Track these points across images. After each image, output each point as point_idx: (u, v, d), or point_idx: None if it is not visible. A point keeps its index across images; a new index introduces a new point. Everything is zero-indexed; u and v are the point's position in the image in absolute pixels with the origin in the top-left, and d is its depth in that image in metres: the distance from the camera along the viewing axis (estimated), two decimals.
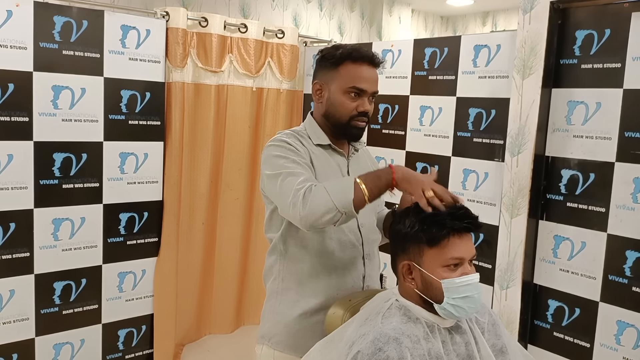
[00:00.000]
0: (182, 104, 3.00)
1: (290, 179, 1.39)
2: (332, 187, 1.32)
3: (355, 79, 1.51)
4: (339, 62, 1.52)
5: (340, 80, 1.52)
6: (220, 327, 3.48)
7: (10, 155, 2.46)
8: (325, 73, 1.56)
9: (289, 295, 1.57)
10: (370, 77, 1.53)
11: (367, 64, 1.52)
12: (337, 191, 1.31)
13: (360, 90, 1.51)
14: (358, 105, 1.52)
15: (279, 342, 1.57)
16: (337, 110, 1.54)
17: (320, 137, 1.58)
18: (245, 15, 3.79)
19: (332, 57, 1.53)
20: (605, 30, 2.11)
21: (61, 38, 2.54)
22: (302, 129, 1.61)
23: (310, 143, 1.57)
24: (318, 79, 1.58)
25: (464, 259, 1.25)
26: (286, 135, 1.56)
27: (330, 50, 1.56)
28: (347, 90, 1.51)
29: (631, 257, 2.06)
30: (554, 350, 2.31)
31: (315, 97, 1.60)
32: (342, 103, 1.52)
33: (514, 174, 2.32)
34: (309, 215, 1.31)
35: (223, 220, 3.36)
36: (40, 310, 2.63)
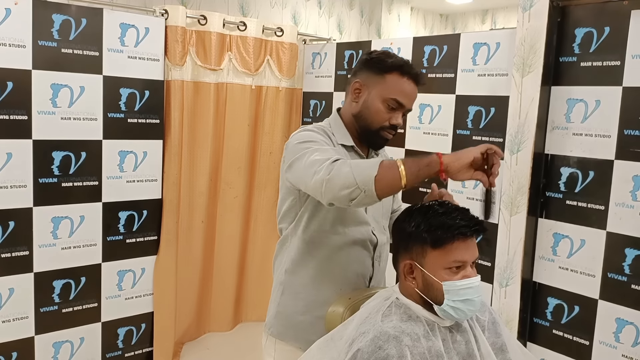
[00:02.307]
0: (181, 102, 3.00)
1: (318, 153, 1.34)
2: (359, 162, 1.26)
3: (398, 92, 1.49)
4: (387, 70, 1.50)
5: (383, 88, 1.50)
6: (220, 325, 3.48)
7: (9, 153, 2.45)
8: (370, 76, 1.53)
9: (293, 288, 1.57)
10: (412, 95, 1.52)
11: (412, 81, 1.51)
12: (363, 167, 1.23)
13: (399, 104, 1.50)
14: (392, 118, 1.51)
15: (280, 332, 1.59)
16: (370, 115, 1.52)
17: (344, 137, 1.56)
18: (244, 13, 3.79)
19: (381, 63, 1.51)
20: (605, 28, 2.11)
21: (60, 36, 2.53)
22: (327, 125, 1.59)
23: (334, 141, 1.55)
24: (360, 79, 1.55)
25: (467, 262, 1.25)
26: (316, 128, 1.54)
27: (381, 56, 1.53)
28: (386, 100, 1.49)
29: (630, 255, 2.07)
30: (553, 348, 2.31)
31: (351, 95, 1.57)
32: (377, 110, 1.50)
33: (513, 172, 2.32)
34: (328, 187, 1.25)
35: (222, 219, 3.36)
36: (39, 309, 2.63)
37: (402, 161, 1.23)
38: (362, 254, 1.57)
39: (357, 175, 1.22)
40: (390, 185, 1.23)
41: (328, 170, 1.26)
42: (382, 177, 1.22)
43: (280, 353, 1.59)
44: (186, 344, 3.30)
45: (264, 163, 3.47)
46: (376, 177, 1.21)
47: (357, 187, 1.22)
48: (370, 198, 1.24)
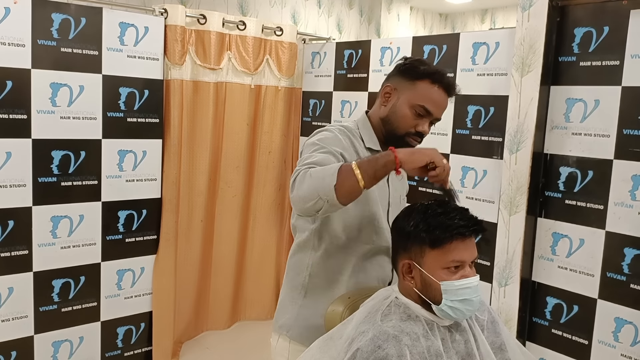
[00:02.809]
0: (181, 101, 3.00)
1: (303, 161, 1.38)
2: (319, 172, 1.27)
3: (427, 100, 1.49)
4: (418, 77, 1.50)
5: (413, 94, 1.50)
6: (217, 324, 3.49)
7: (8, 152, 2.45)
8: (401, 80, 1.53)
9: (316, 290, 1.56)
10: (441, 104, 1.51)
11: (443, 90, 1.50)
12: (322, 177, 1.25)
13: (427, 112, 1.49)
14: (418, 124, 1.50)
15: (299, 334, 1.57)
16: (397, 120, 1.52)
17: (373, 140, 1.57)
18: (243, 13, 3.78)
19: (414, 70, 1.51)
20: (604, 27, 2.11)
21: (59, 35, 2.53)
22: (355, 127, 1.58)
23: (360, 144, 1.55)
24: (391, 83, 1.55)
25: (465, 262, 1.25)
26: (337, 129, 1.52)
27: (414, 62, 1.53)
28: (414, 106, 1.49)
29: (629, 255, 2.07)
30: (553, 348, 2.32)
31: (381, 99, 1.57)
32: (404, 116, 1.50)
33: (512, 171, 2.32)
34: (295, 201, 1.29)
35: (221, 218, 3.36)
36: (39, 308, 2.63)
37: (357, 165, 1.25)
38: (384, 260, 1.58)
39: (318, 186, 1.24)
40: (350, 191, 1.26)
41: (294, 183, 1.30)
42: (341, 184, 1.24)
43: (294, 354, 1.57)
44: (185, 343, 3.30)
45: (263, 162, 3.47)
46: (336, 186, 1.23)
47: (320, 199, 1.24)
48: (334, 207, 1.27)
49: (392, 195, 1.61)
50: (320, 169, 1.28)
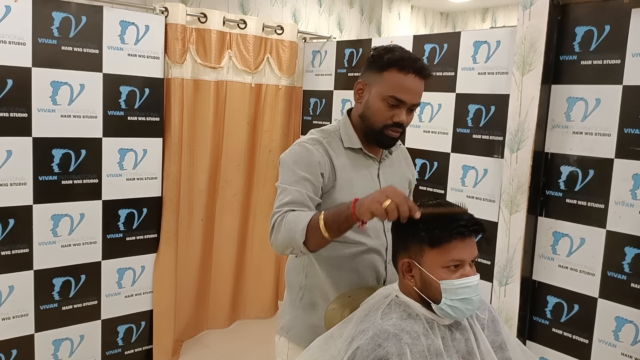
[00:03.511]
0: (181, 100, 3.00)
1: (280, 197, 1.43)
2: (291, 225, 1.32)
3: (397, 89, 1.44)
4: (384, 67, 1.46)
5: (381, 86, 1.46)
6: (217, 322, 3.49)
7: (9, 151, 2.45)
8: (370, 74, 1.50)
9: (312, 292, 1.57)
10: (414, 89, 1.46)
11: (413, 74, 1.45)
12: (294, 231, 1.31)
13: (400, 101, 1.45)
14: (394, 115, 1.46)
15: (298, 335, 1.58)
16: (372, 115, 1.49)
17: (352, 139, 1.54)
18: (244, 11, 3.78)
19: (379, 60, 1.47)
20: (605, 26, 2.11)
21: (60, 34, 2.53)
22: (336, 128, 1.58)
23: (339, 146, 1.53)
24: (362, 79, 1.53)
25: (465, 261, 1.25)
26: (311, 142, 1.51)
27: (380, 52, 1.49)
28: (386, 98, 1.45)
29: (630, 254, 2.07)
30: (553, 347, 2.32)
31: (355, 96, 1.55)
32: (378, 109, 1.47)
33: (513, 170, 2.32)
34: (274, 247, 1.39)
35: (221, 216, 3.36)
36: (39, 306, 2.63)
37: (324, 220, 1.28)
38: (376, 259, 1.56)
39: (290, 240, 1.32)
40: (319, 244, 1.32)
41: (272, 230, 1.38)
42: (310, 240, 1.30)
43: (294, 355, 1.58)
44: (186, 341, 3.31)
45: (263, 161, 3.47)
46: (305, 242, 1.30)
47: (293, 248, 1.34)
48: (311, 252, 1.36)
49: None
50: (293, 221, 1.33)
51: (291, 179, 1.44)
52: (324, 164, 1.48)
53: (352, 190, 1.50)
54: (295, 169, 1.45)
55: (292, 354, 1.58)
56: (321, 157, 1.48)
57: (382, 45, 1.55)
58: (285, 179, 1.46)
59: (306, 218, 1.32)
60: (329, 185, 1.50)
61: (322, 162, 1.48)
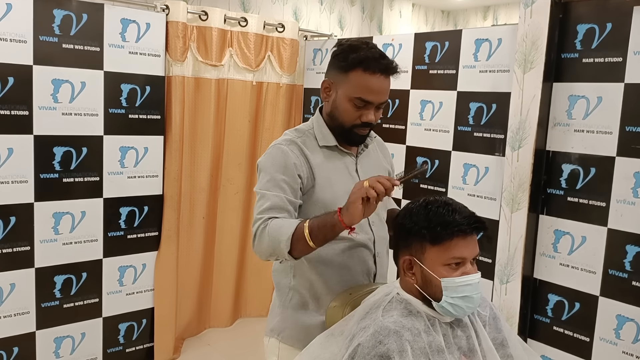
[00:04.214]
0: (182, 98, 3.00)
1: (259, 203, 1.43)
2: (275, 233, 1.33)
3: (363, 90, 1.43)
4: (349, 68, 1.44)
5: (347, 87, 1.45)
6: (219, 321, 3.49)
7: (10, 149, 2.45)
8: (336, 74, 1.48)
9: (301, 291, 1.55)
10: (380, 89, 1.45)
11: (379, 74, 1.43)
12: (278, 240, 1.32)
13: (367, 102, 1.45)
14: (362, 115, 1.46)
15: (290, 336, 1.57)
16: (340, 115, 1.49)
17: (326, 137, 1.54)
18: (245, 9, 3.78)
19: (344, 60, 1.45)
20: (607, 24, 2.11)
21: (61, 31, 2.53)
22: (310, 126, 1.57)
23: (315, 145, 1.53)
24: (328, 77, 1.52)
25: (466, 259, 1.25)
26: (286, 142, 1.50)
27: (344, 51, 1.47)
28: (352, 99, 1.45)
29: (631, 252, 2.07)
30: (554, 345, 2.32)
31: (322, 95, 1.54)
32: (346, 110, 1.47)
33: (514, 168, 2.31)
34: (258, 254, 1.41)
35: (223, 215, 3.36)
36: (41, 304, 2.64)
37: (309, 230, 1.30)
38: (365, 253, 1.56)
39: (275, 248, 1.34)
40: (303, 252, 1.34)
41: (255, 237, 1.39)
42: (295, 248, 1.32)
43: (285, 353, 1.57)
44: (187, 339, 3.31)
45: None
46: (290, 251, 1.32)
47: (278, 256, 1.37)
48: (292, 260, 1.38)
49: None
50: (276, 230, 1.34)
51: (269, 183, 1.44)
52: (300, 165, 1.47)
53: (332, 188, 1.49)
54: (273, 172, 1.45)
55: (284, 355, 1.58)
56: (296, 157, 1.47)
57: (345, 40, 1.53)
58: (263, 184, 1.45)
59: (290, 227, 1.32)
60: (309, 185, 1.49)
61: (298, 163, 1.47)
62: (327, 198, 1.48)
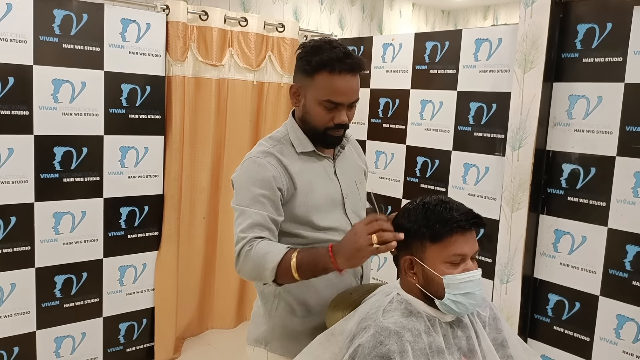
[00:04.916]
0: (183, 97, 3.00)
1: (239, 220, 1.41)
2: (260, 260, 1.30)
3: (331, 92, 1.39)
4: (314, 71, 1.40)
5: (315, 91, 1.41)
6: (223, 322, 3.49)
7: (10, 149, 2.45)
8: (302, 77, 1.44)
9: (288, 300, 1.51)
10: (349, 89, 1.41)
11: (345, 73, 1.39)
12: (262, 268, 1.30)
13: (337, 103, 1.41)
14: (334, 117, 1.42)
15: (279, 346, 1.53)
16: (312, 120, 1.45)
17: (303, 143, 1.49)
18: (245, 9, 3.78)
19: (308, 64, 1.41)
20: (607, 24, 2.11)
21: (61, 31, 2.53)
22: (284, 133, 1.52)
23: (292, 152, 1.48)
24: (295, 82, 1.47)
25: (467, 256, 1.25)
26: (262, 154, 1.45)
27: (308, 54, 1.42)
28: (321, 102, 1.41)
29: (631, 252, 2.07)
30: (554, 344, 2.32)
31: (292, 100, 1.50)
32: (317, 113, 1.43)
33: (514, 168, 2.31)
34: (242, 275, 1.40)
35: (224, 215, 3.36)
36: (41, 304, 2.64)
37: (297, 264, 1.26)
38: None
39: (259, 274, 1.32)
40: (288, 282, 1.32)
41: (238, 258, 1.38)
42: (279, 278, 1.30)
43: None
44: (188, 339, 3.31)
45: None
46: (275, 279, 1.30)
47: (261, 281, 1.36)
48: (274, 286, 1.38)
49: (344, 186, 1.55)
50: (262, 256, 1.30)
51: (247, 198, 1.40)
52: (279, 177, 1.42)
53: (313, 194, 1.46)
54: (250, 187, 1.40)
55: None
56: (274, 169, 1.42)
57: (308, 42, 1.48)
58: (241, 200, 1.41)
59: (277, 256, 1.28)
60: (289, 194, 1.45)
61: (276, 176, 1.42)
62: (309, 203, 1.45)
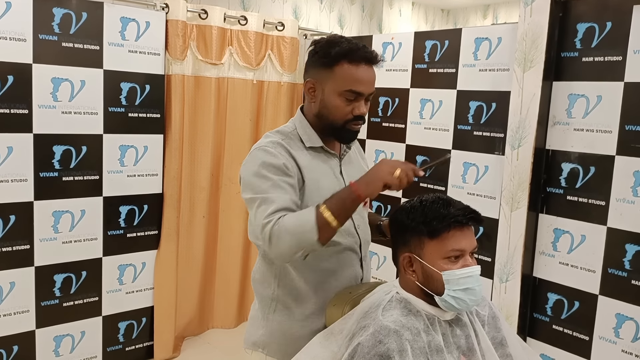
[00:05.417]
0: (182, 96, 3.00)
1: (262, 208, 1.33)
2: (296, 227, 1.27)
3: (352, 82, 1.40)
4: (334, 62, 1.40)
5: (335, 82, 1.41)
6: (223, 322, 3.48)
7: (10, 147, 2.45)
8: (319, 71, 1.44)
9: (286, 302, 1.50)
10: (368, 79, 1.43)
11: (365, 64, 1.41)
12: (302, 232, 1.26)
13: (358, 93, 1.41)
14: (354, 109, 1.42)
15: (278, 350, 1.51)
16: (331, 113, 1.44)
17: (312, 139, 1.49)
18: (245, 8, 3.77)
19: (327, 56, 1.41)
20: (607, 23, 2.10)
21: (60, 30, 2.52)
22: (292, 128, 1.51)
23: (300, 147, 1.47)
24: (311, 77, 1.46)
25: (465, 251, 1.25)
26: (271, 144, 1.43)
27: (324, 47, 1.43)
28: (342, 93, 1.41)
29: (631, 251, 2.07)
30: (553, 343, 2.32)
31: (307, 96, 1.49)
32: (336, 106, 1.42)
33: (514, 167, 2.32)
34: (278, 257, 1.34)
35: (224, 214, 3.35)
36: (40, 303, 2.64)
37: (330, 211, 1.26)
38: (352, 257, 1.53)
39: (300, 241, 1.27)
40: (330, 236, 1.30)
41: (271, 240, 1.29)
42: (322, 235, 1.27)
43: None
44: (187, 338, 3.31)
45: None
46: (318, 238, 1.26)
47: (304, 250, 1.31)
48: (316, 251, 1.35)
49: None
50: (295, 224, 1.27)
51: (265, 186, 1.36)
52: (290, 166, 1.41)
53: (319, 191, 1.44)
54: (266, 174, 1.37)
55: None
56: (286, 159, 1.41)
57: (320, 38, 1.50)
58: (259, 188, 1.36)
59: (309, 216, 1.27)
60: (298, 187, 1.43)
61: (287, 164, 1.41)
62: (314, 198, 1.41)
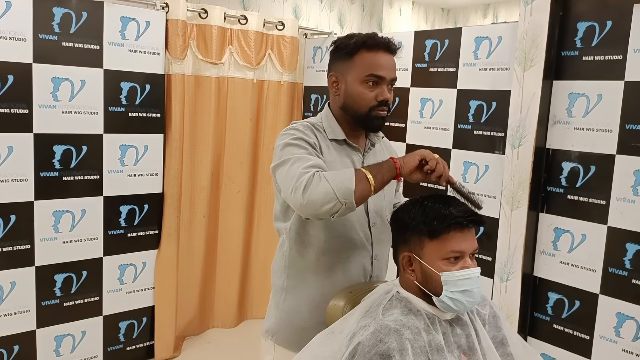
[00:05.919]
0: (182, 96, 3.00)
1: (298, 164, 1.34)
2: (334, 176, 1.28)
3: (373, 67, 1.45)
4: (354, 52, 1.46)
5: (356, 70, 1.46)
6: (224, 321, 3.49)
7: (10, 147, 2.45)
8: (341, 64, 1.50)
9: (294, 292, 1.54)
10: (388, 64, 1.47)
11: (383, 51, 1.46)
12: (340, 181, 1.27)
13: (379, 77, 1.45)
14: (377, 95, 1.46)
15: (285, 339, 1.56)
16: (355, 102, 1.48)
17: (335, 131, 1.53)
18: (245, 7, 3.77)
19: (346, 47, 1.47)
20: (607, 22, 2.10)
21: (61, 29, 2.53)
22: (319, 120, 1.56)
23: (324, 137, 1.52)
24: (333, 71, 1.52)
25: (465, 253, 1.25)
26: (301, 125, 1.50)
27: (344, 40, 1.49)
28: (364, 80, 1.45)
29: (631, 250, 2.07)
30: (554, 343, 2.32)
31: (331, 90, 1.54)
32: (360, 94, 1.47)
33: (514, 166, 2.31)
34: (309, 204, 1.27)
35: (225, 214, 3.36)
36: (41, 302, 2.64)
37: (368, 170, 1.31)
38: (361, 254, 1.54)
39: (337, 190, 1.26)
40: (365, 195, 1.30)
41: (306, 187, 1.28)
42: (359, 188, 1.27)
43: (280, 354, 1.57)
44: (188, 338, 3.31)
45: (267, 158, 3.46)
46: (355, 190, 1.26)
47: (338, 201, 1.26)
48: (349, 210, 1.29)
49: None
50: (333, 174, 1.30)
51: (300, 151, 1.40)
52: (319, 147, 1.48)
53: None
54: (301, 144, 1.43)
55: (280, 357, 1.57)
56: (315, 140, 1.48)
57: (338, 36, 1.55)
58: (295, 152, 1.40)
59: (348, 170, 1.31)
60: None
61: (316, 144, 1.47)
62: None
